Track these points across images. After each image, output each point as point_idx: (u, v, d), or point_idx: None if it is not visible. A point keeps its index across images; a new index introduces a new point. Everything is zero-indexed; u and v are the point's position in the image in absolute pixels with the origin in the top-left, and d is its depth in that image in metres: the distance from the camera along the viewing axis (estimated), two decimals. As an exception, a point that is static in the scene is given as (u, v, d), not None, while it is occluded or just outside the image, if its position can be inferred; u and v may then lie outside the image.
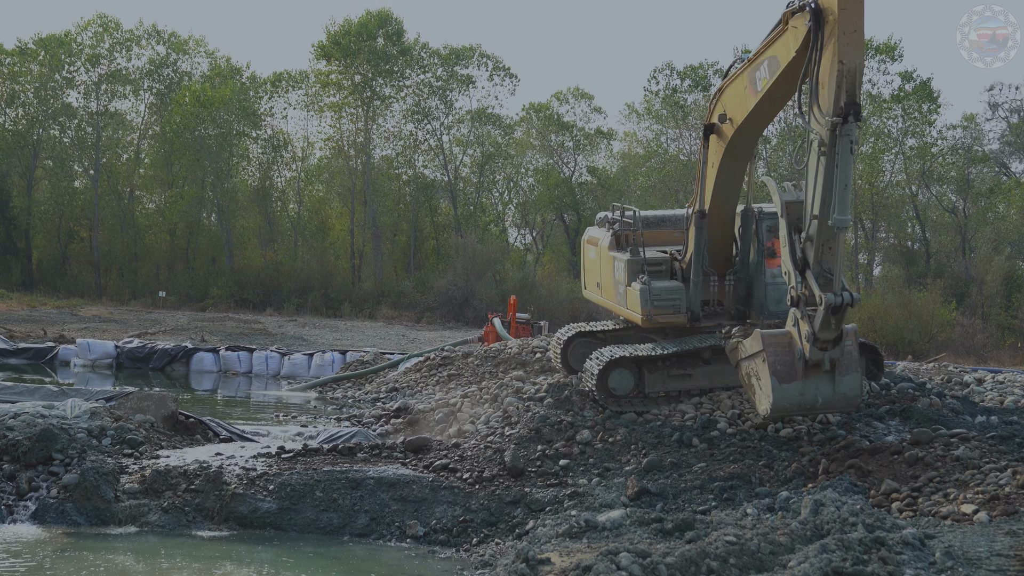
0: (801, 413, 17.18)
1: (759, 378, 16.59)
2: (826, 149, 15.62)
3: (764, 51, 17.25)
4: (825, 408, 16.64)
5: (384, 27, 66.63)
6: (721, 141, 18.93)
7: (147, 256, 69.67)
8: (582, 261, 23.40)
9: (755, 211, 20.18)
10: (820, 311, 15.99)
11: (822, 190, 15.81)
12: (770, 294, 20.03)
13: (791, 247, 16.61)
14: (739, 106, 18.24)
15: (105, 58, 69.56)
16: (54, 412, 18.37)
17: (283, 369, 34.63)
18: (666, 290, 19.81)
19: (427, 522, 15.79)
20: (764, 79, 17.24)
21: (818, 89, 15.73)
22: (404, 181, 71.20)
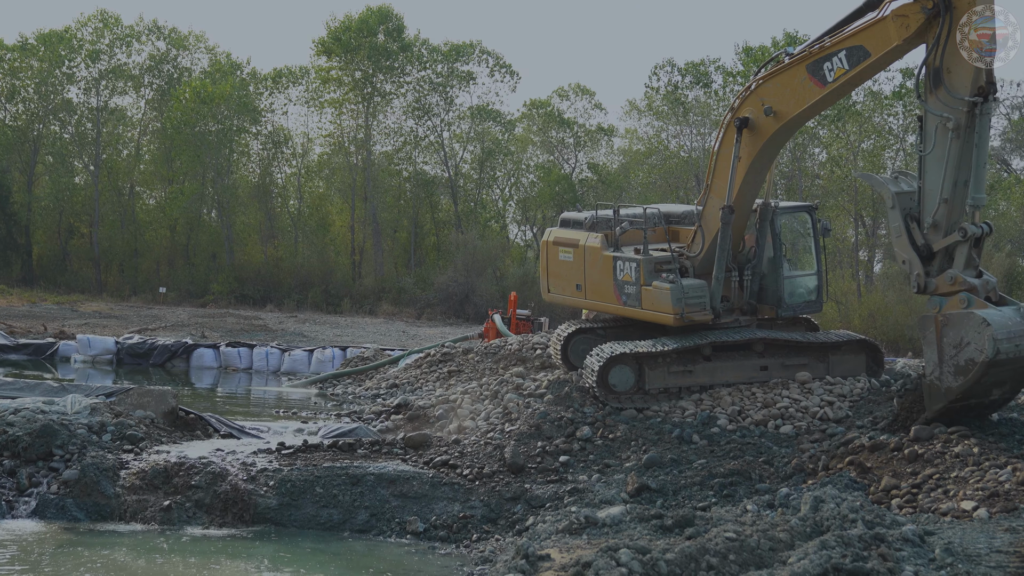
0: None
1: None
2: (961, 131, 15.77)
3: (841, 42, 17.17)
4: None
5: (385, 23, 66.55)
6: (756, 136, 18.81)
7: (147, 252, 69.62)
8: (545, 264, 22.81)
9: (772, 206, 20.27)
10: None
11: (954, 172, 15.93)
12: (786, 288, 20.24)
13: (909, 236, 16.60)
14: (792, 99, 18.13)
15: (105, 54, 69.51)
16: (54, 408, 18.38)
17: (283, 365, 34.63)
18: (694, 288, 19.75)
19: (427, 518, 15.81)
20: (840, 69, 17.20)
21: (944, 74, 15.88)
22: (405, 177, 71.15)
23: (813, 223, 20.88)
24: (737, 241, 20.24)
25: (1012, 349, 15.57)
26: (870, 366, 20.79)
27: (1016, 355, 15.59)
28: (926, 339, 16.21)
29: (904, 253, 16.71)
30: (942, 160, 16.00)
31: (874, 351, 20.99)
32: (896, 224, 16.78)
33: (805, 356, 20.34)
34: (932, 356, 16.03)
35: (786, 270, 20.49)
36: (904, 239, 16.66)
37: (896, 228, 16.81)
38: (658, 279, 19.88)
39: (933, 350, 16.00)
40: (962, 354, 15.66)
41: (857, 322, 44.42)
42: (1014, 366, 15.73)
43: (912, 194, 16.82)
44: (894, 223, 16.86)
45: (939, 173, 16.07)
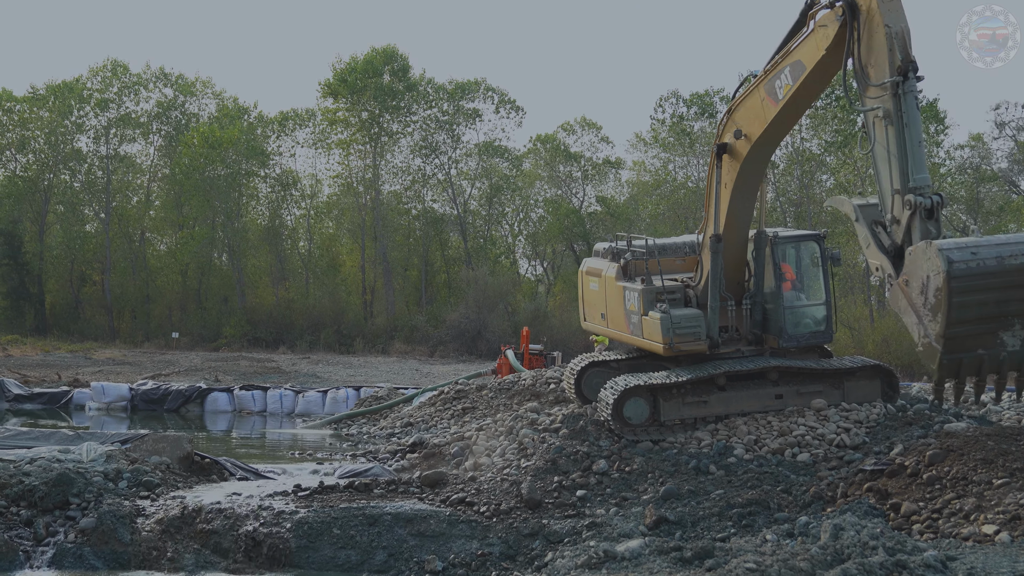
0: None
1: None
2: (891, 117, 15.87)
3: (784, 59, 17.43)
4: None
5: (390, 63, 66.94)
6: (735, 160, 19.09)
7: (159, 298, 69.82)
8: (581, 293, 23.33)
9: (768, 235, 20.23)
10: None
11: (897, 160, 15.88)
12: (788, 318, 20.13)
13: (877, 242, 16.46)
14: (756, 120, 18.44)
15: (114, 102, 70.00)
16: (70, 456, 18.38)
17: (297, 407, 34.60)
18: (686, 318, 19.87)
19: (445, 557, 15.73)
20: (787, 86, 17.47)
21: (866, 70, 16.25)
22: (413, 216, 71.37)
23: (822, 252, 20.72)
24: (736, 270, 20.29)
25: (968, 258, 14.80)
26: (885, 391, 20.69)
27: (980, 267, 14.79)
28: (901, 309, 15.70)
29: (875, 260, 16.56)
30: (885, 153, 16.06)
31: (889, 376, 20.89)
32: (863, 235, 16.77)
33: (820, 383, 20.26)
34: (912, 319, 15.49)
35: (789, 300, 20.34)
36: (873, 247, 16.55)
37: (864, 238, 16.79)
38: (654, 308, 20.01)
39: (910, 314, 15.47)
40: (929, 292, 15.01)
41: (871, 347, 44.28)
42: (988, 284, 14.85)
43: (876, 205, 16.78)
44: (861, 235, 16.86)
45: (886, 167, 16.11)
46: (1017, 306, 15.11)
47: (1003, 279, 14.82)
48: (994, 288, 14.88)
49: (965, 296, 14.82)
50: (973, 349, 15.32)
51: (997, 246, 14.93)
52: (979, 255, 14.78)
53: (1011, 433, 16.77)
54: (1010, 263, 14.77)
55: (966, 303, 14.86)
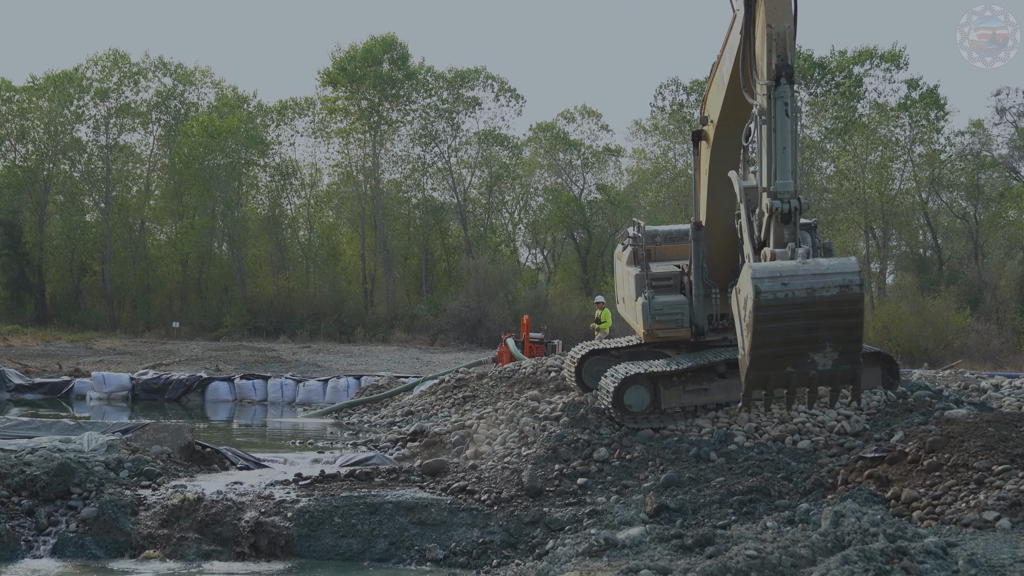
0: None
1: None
2: (765, 117, 15.75)
3: (725, 44, 17.56)
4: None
5: (389, 52, 66.90)
6: (707, 146, 19.14)
7: (159, 287, 69.87)
8: (615, 277, 23.67)
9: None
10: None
11: (767, 160, 15.84)
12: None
13: (751, 230, 16.45)
14: (714, 104, 18.55)
15: (114, 92, 69.93)
16: (71, 446, 18.39)
17: (298, 396, 34.63)
18: (668, 304, 19.98)
19: (446, 545, 15.75)
20: (728, 70, 17.39)
21: (757, 64, 16.00)
22: (413, 204, 71.39)
23: (812, 242, 20.54)
24: (725, 258, 20.24)
25: (777, 288, 14.83)
26: (886, 378, 20.68)
27: (785, 296, 14.79)
28: (733, 312, 15.87)
29: (746, 247, 16.47)
30: (759, 150, 16.14)
31: (889, 363, 20.88)
32: (743, 219, 16.65)
33: (820, 370, 20.21)
34: (737, 327, 15.58)
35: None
36: (746, 235, 16.49)
37: (743, 223, 16.69)
38: (642, 295, 20.20)
39: (737, 321, 15.55)
40: (745, 311, 15.05)
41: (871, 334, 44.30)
42: (796, 313, 14.90)
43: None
44: (743, 218, 16.71)
45: (759, 164, 16.18)
46: (828, 333, 15.11)
47: (812, 310, 14.86)
48: (803, 317, 14.94)
49: (770, 324, 14.93)
50: (781, 367, 15.30)
51: (810, 277, 14.86)
52: (789, 286, 14.80)
53: (1011, 419, 16.78)
54: (820, 295, 14.79)
55: (771, 330, 14.96)
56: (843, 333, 14.94)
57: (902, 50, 61.03)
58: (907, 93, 60.56)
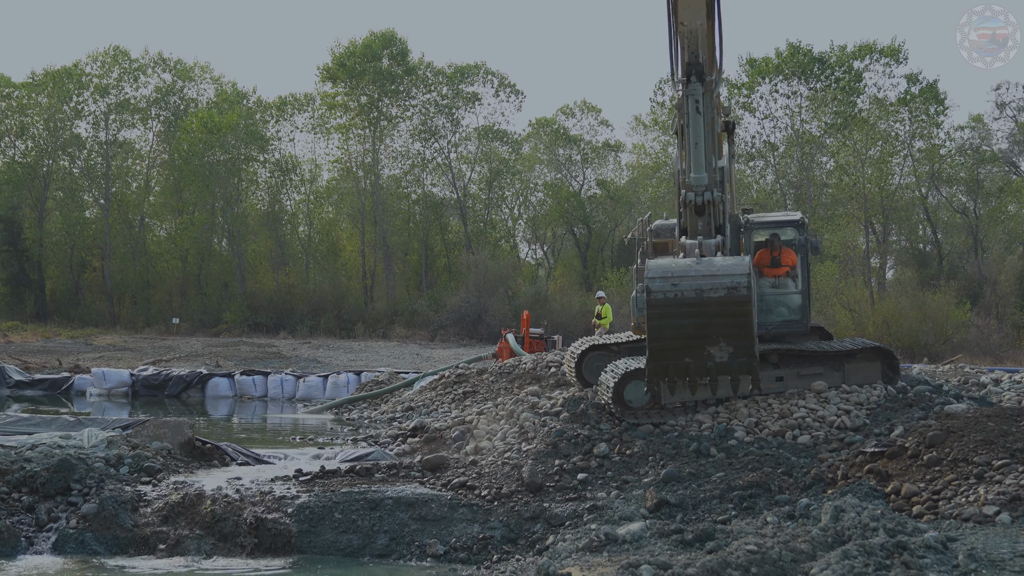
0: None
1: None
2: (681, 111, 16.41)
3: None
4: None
5: (389, 48, 66.86)
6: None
7: (159, 283, 69.88)
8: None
9: (741, 220, 20.26)
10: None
11: (685, 152, 16.58)
12: (758, 306, 20.02)
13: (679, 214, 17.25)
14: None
15: (114, 88, 69.91)
16: (71, 442, 18.39)
17: (298, 392, 34.64)
18: None
19: (447, 540, 15.75)
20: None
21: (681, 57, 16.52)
22: (413, 200, 71.39)
23: (799, 239, 20.54)
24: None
25: (666, 288, 15.77)
26: (886, 373, 20.70)
27: (675, 296, 15.72)
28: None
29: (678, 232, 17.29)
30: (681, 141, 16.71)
31: (889, 358, 20.90)
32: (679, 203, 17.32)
33: (820, 365, 20.28)
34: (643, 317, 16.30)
35: (760, 286, 20.19)
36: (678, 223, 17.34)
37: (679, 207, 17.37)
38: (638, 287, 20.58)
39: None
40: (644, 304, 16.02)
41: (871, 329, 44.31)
42: (686, 312, 15.75)
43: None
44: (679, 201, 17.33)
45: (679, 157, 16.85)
46: (719, 330, 15.86)
47: (701, 309, 15.77)
48: (693, 315, 15.85)
49: (662, 320, 15.96)
50: (679, 359, 16.14)
51: (700, 277, 15.69)
52: (679, 286, 15.79)
53: (1011, 414, 16.78)
54: (708, 296, 15.68)
55: (663, 326, 15.98)
56: (734, 331, 15.77)
57: (901, 45, 61.01)
58: (907, 88, 60.53)
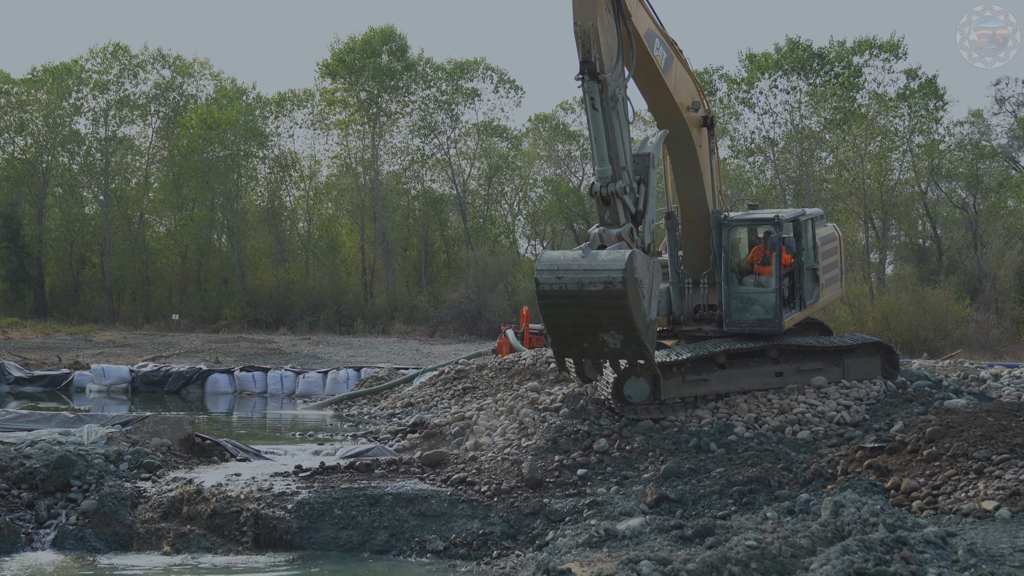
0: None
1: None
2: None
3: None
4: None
5: (388, 44, 66.79)
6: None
7: (159, 280, 69.86)
8: None
9: (720, 217, 20.27)
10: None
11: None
12: (733, 303, 20.00)
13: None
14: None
15: (113, 84, 69.85)
16: (71, 439, 18.40)
17: (298, 388, 34.64)
18: None
19: (447, 536, 15.76)
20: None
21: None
22: (413, 196, 71.35)
23: (775, 237, 20.25)
24: (703, 250, 20.46)
25: (552, 281, 16.38)
26: (886, 368, 20.71)
27: (560, 288, 16.32)
28: None
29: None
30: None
31: (889, 353, 20.90)
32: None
33: (820, 360, 20.27)
34: None
35: (735, 284, 20.14)
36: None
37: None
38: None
39: None
40: None
41: (871, 324, 44.33)
42: (570, 303, 16.41)
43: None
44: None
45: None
46: (604, 321, 16.53)
47: (584, 301, 16.34)
48: (577, 306, 16.46)
49: (551, 310, 16.78)
50: (578, 343, 17.04)
51: (581, 271, 16.28)
52: (563, 279, 16.41)
53: (1011, 409, 16.80)
54: (588, 289, 16.21)
55: (554, 315, 16.82)
56: (617, 322, 16.43)
57: (901, 40, 60.98)
58: (906, 83, 60.49)
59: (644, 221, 17.72)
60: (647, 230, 17.69)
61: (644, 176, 17.96)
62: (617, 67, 17.09)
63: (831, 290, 22.05)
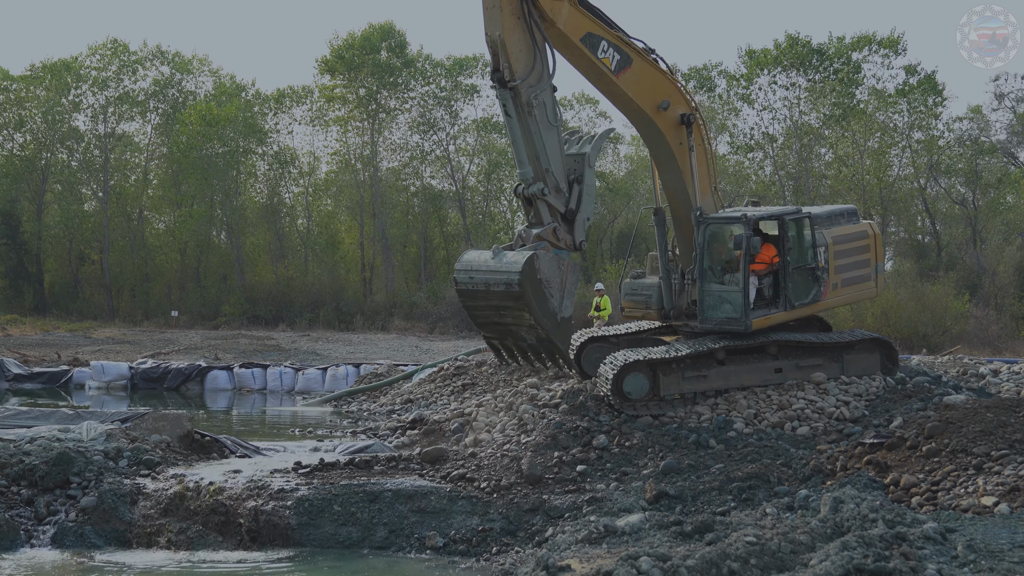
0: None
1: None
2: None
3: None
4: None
5: (387, 40, 66.68)
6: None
7: (158, 276, 69.80)
8: None
9: (696, 214, 20.24)
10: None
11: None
12: (706, 300, 19.98)
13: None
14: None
15: (112, 81, 69.78)
16: (70, 435, 18.41)
17: (297, 384, 34.61)
18: (641, 286, 20.95)
19: (446, 533, 15.77)
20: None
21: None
22: (412, 193, 71.26)
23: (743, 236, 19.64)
24: (682, 242, 20.55)
25: (466, 279, 17.90)
26: (885, 364, 20.70)
27: (471, 286, 17.82)
28: None
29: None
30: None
31: (888, 349, 20.90)
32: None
33: (819, 357, 20.26)
34: None
35: (707, 282, 20.06)
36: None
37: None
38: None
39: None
40: None
41: (870, 320, 44.29)
42: (480, 301, 17.91)
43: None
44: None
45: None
46: (511, 318, 17.82)
47: (491, 300, 17.73)
48: (487, 304, 17.90)
49: (468, 307, 18.43)
50: (504, 337, 18.44)
51: (488, 272, 17.62)
52: (474, 279, 17.81)
53: (1010, 405, 16.80)
54: (493, 289, 17.55)
55: (472, 311, 18.46)
56: (521, 320, 17.66)
57: (900, 36, 60.91)
58: (905, 79, 60.42)
59: (576, 219, 18.44)
60: (579, 228, 18.42)
61: (579, 175, 18.68)
62: (533, 73, 17.79)
63: (852, 291, 21.49)
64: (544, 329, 17.47)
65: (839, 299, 21.37)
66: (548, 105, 18.11)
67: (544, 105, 18.00)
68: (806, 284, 20.40)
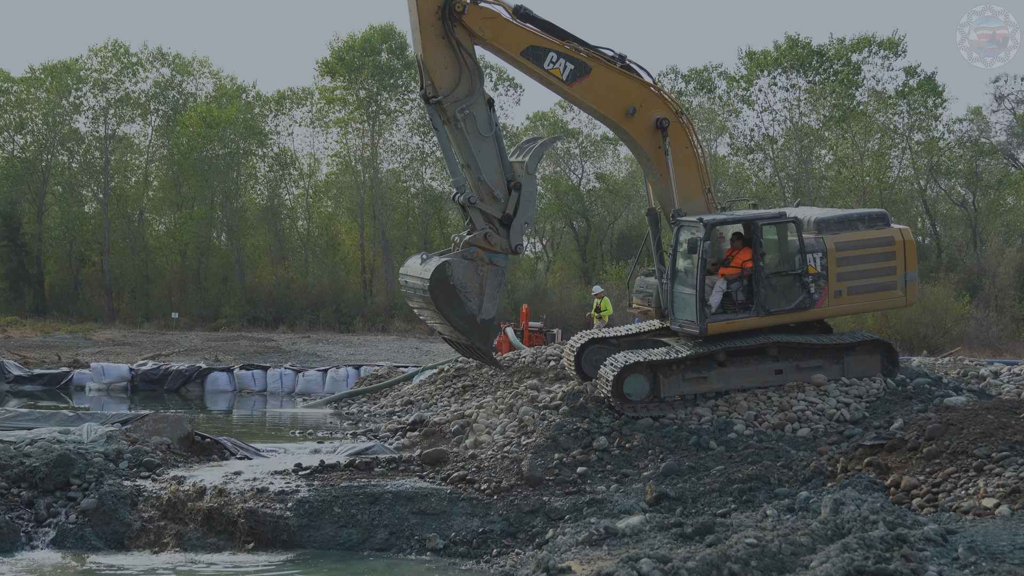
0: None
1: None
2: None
3: None
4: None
5: (388, 42, 66.70)
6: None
7: (158, 278, 69.77)
8: None
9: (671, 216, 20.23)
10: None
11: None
12: (675, 301, 19.97)
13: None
14: None
15: (113, 83, 69.78)
16: (70, 437, 18.41)
17: (298, 386, 34.60)
18: (649, 283, 21.10)
19: (446, 534, 15.76)
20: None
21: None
22: (412, 194, 71.27)
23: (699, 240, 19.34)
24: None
25: (403, 283, 19.98)
26: (885, 366, 20.67)
27: (405, 290, 19.79)
28: None
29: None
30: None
31: (889, 350, 20.86)
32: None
33: (820, 358, 20.21)
34: None
35: (675, 284, 19.97)
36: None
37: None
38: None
39: None
40: None
41: (871, 322, 44.30)
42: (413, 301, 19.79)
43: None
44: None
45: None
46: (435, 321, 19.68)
47: (417, 303, 19.72)
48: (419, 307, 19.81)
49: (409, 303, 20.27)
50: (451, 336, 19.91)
51: (412, 276, 19.43)
52: (407, 284, 19.77)
53: (1010, 406, 16.80)
54: (417, 294, 19.30)
55: (412, 307, 20.25)
56: (440, 321, 19.22)
57: (901, 38, 60.94)
58: (905, 80, 60.45)
59: (512, 224, 19.20)
60: (516, 232, 19.24)
61: (519, 182, 19.37)
62: (459, 88, 18.55)
63: (867, 299, 20.74)
64: (461, 331, 18.92)
65: (847, 307, 20.58)
66: (479, 117, 18.88)
67: (474, 118, 18.81)
68: (788, 290, 19.80)
